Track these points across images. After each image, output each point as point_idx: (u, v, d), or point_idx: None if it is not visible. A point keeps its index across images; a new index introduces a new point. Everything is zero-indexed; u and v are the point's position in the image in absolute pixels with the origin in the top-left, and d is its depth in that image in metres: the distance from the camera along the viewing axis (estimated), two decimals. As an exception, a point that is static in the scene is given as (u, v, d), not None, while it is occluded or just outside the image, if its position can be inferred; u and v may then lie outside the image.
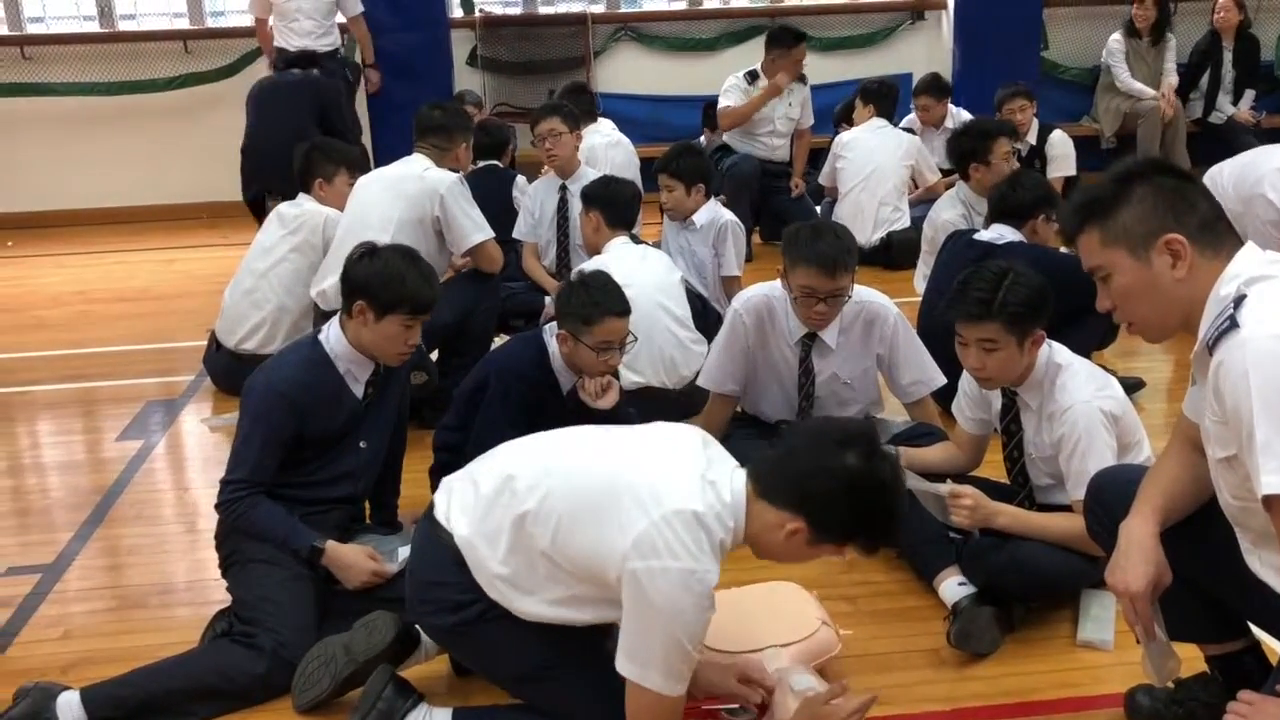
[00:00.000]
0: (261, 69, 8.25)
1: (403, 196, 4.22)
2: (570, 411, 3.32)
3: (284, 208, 4.77)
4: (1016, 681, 2.75)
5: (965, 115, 7.35)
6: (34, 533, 3.71)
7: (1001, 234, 4.13)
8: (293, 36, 7.08)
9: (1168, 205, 2.05)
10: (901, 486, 2.22)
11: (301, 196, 4.77)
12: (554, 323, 3.35)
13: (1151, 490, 2.27)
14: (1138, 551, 2.17)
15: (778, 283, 3.52)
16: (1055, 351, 3.00)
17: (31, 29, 8.30)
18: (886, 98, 6.69)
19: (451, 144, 4.44)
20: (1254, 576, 2.12)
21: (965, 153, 4.89)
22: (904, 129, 6.86)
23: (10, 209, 8.16)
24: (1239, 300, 1.95)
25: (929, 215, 5.19)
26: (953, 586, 2.98)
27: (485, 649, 2.41)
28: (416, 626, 2.69)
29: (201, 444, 4.41)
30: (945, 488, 2.91)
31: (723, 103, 6.83)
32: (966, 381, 3.21)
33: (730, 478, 2.24)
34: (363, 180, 4.50)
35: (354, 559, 2.96)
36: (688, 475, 2.21)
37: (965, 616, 2.85)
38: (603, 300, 3.21)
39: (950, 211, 4.96)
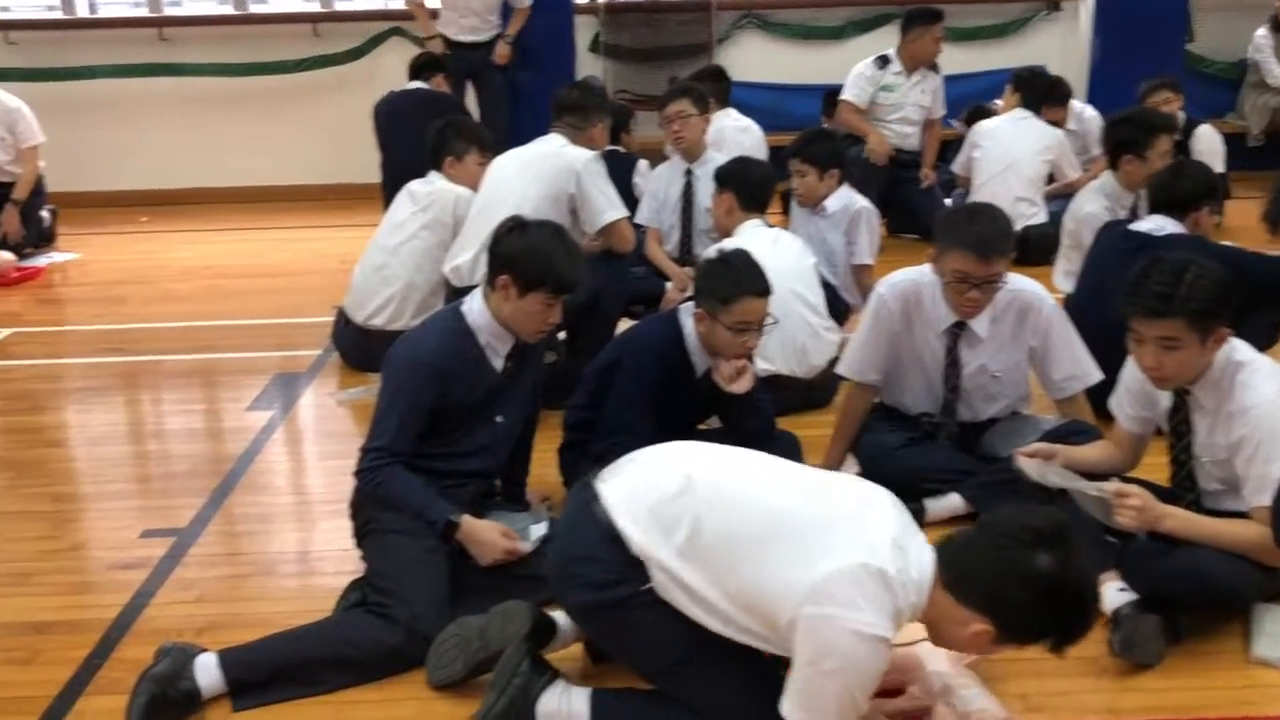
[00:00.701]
0: (389, 51, 8.38)
1: (539, 174, 4.18)
2: (704, 395, 3.23)
3: (415, 185, 4.77)
4: (1185, 696, 2.58)
5: (1090, 112, 7.09)
6: (167, 497, 3.75)
7: (1161, 225, 3.91)
8: (453, 28, 7.35)
9: None
10: (1096, 581, 2.11)
11: (433, 174, 4.76)
12: (690, 302, 3.26)
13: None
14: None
15: (926, 267, 3.37)
16: (1235, 348, 2.80)
17: (169, 11, 8.51)
18: (1035, 88, 6.41)
19: (587, 123, 4.37)
20: None
21: (1122, 142, 4.62)
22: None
23: (145, 186, 8.38)
24: None
25: (1070, 208, 4.96)
26: (1112, 592, 2.81)
27: (625, 633, 2.33)
28: (552, 615, 2.62)
29: (328, 417, 4.42)
30: (1111, 486, 2.73)
31: (847, 93, 6.66)
32: (1129, 377, 3.03)
33: (920, 553, 2.14)
34: (499, 160, 4.47)
35: (489, 536, 2.92)
36: (881, 534, 2.12)
37: (1129, 624, 2.68)
38: (743, 279, 3.11)
39: (1093, 204, 4.73)
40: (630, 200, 5.59)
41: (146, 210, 8.10)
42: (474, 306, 3.01)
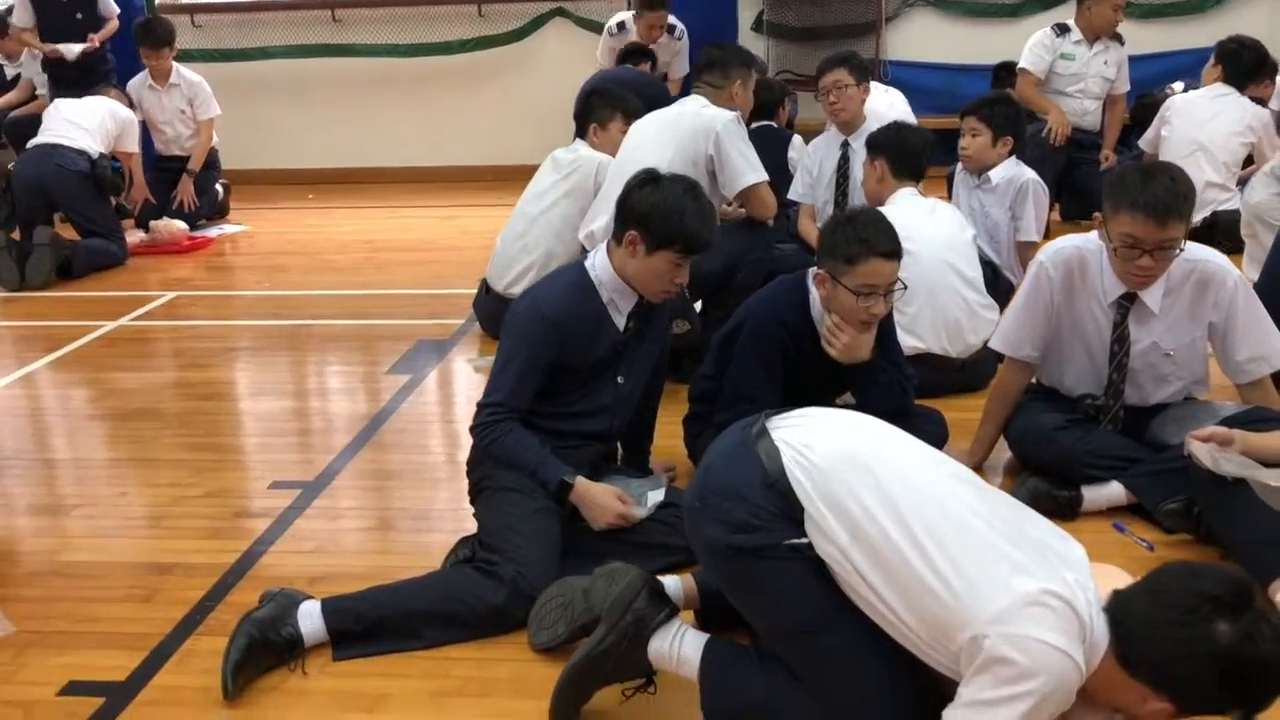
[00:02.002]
0: (551, 32, 8.40)
1: (677, 135, 4.02)
2: (829, 362, 3.01)
3: (559, 153, 4.70)
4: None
5: None
6: (300, 452, 3.79)
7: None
8: None
9: None
10: None
11: (577, 141, 4.69)
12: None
13: None
14: None
15: (1094, 234, 3.07)
16: None
17: (343, -8, 8.77)
18: (1242, 61, 5.86)
19: (727, 80, 4.17)
20: None
21: None
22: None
23: (315, 165, 8.65)
24: None
25: (1244, 196, 4.53)
26: (1298, 598, 2.49)
27: (754, 584, 2.12)
28: (663, 580, 2.47)
29: (466, 382, 4.40)
30: (1297, 473, 2.41)
31: (1024, 62, 6.29)
32: (1325, 356, 2.68)
33: (1099, 610, 1.88)
34: (639, 123, 4.33)
35: (603, 499, 2.80)
36: (1083, 579, 1.89)
37: (1314, 631, 2.35)
38: (870, 237, 2.86)
39: (1264, 191, 4.30)
40: (786, 177, 5.42)
41: (314, 189, 8.34)
42: (598, 262, 2.89)
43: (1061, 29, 6.24)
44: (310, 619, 2.54)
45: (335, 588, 2.72)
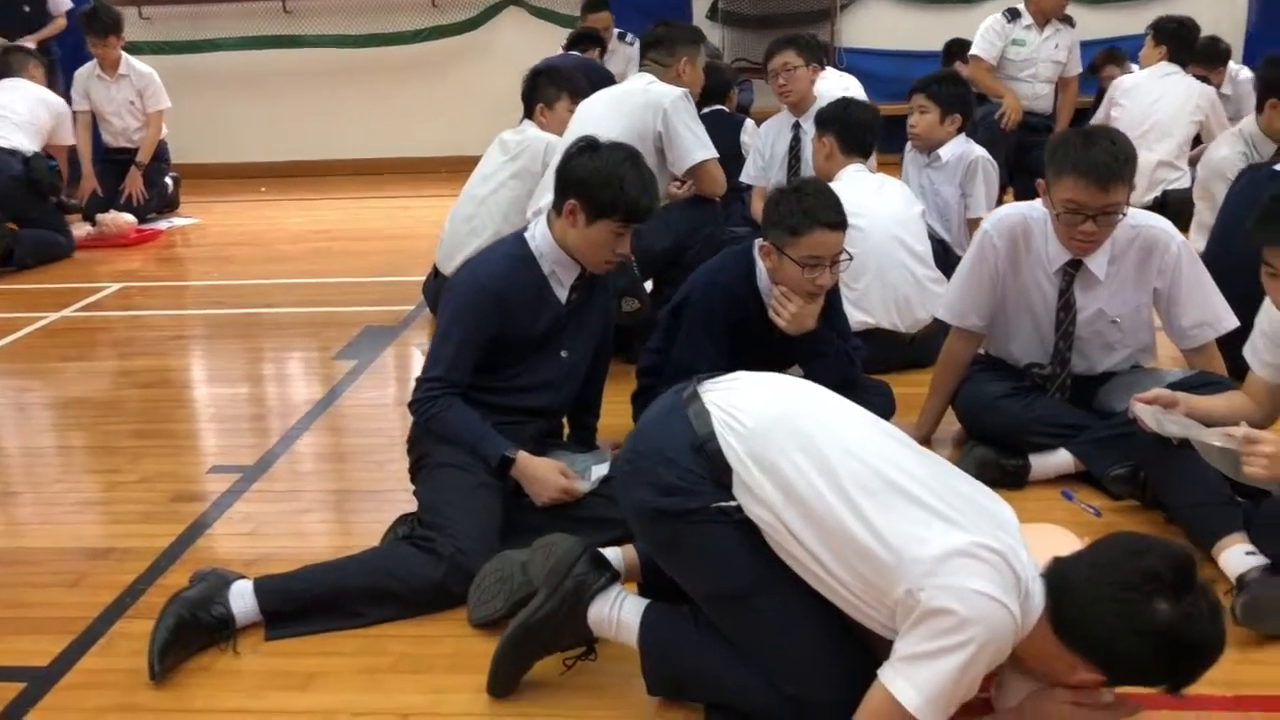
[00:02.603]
0: (506, 21, 8.34)
1: (624, 112, 3.96)
2: (776, 334, 2.98)
3: (506, 135, 4.64)
4: (1322, 672, 2.23)
5: (1245, 74, 6.54)
6: (242, 436, 3.71)
7: (1314, 165, 3.49)
8: None
9: None
10: (1223, 623, 1.81)
11: (525, 123, 4.63)
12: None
13: None
14: None
15: (1038, 201, 3.05)
16: (1391, 278, 2.43)
17: (294, -18, 8.67)
18: (1183, 39, 5.90)
19: (673, 57, 4.13)
20: None
21: (1272, 83, 4.16)
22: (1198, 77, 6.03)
23: (265, 158, 8.54)
24: None
25: (1204, 156, 4.53)
26: (1238, 556, 2.47)
27: (680, 548, 2.08)
28: (603, 552, 2.42)
29: (410, 366, 4.35)
30: (1239, 431, 2.39)
31: (977, 49, 6.29)
32: (1266, 319, 2.68)
33: (1035, 577, 1.86)
34: (586, 101, 4.28)
35: (545, 473, 2.74)
36: (1017, 540, 1.87)
37: (1255, 589, 2.34)
38: (814, 208, 2.83)
39: (1229, 149, 4.30)
40: (738, 161, 5.39)
41: (267, 181, 8.24)
42: (538, 233, 2.83)
43: (1012, 14, 6.23)
44: (242, 598, 2.47)
45: (272, 570, 2.63)
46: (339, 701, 2.26)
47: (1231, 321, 3.03)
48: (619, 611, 2.18)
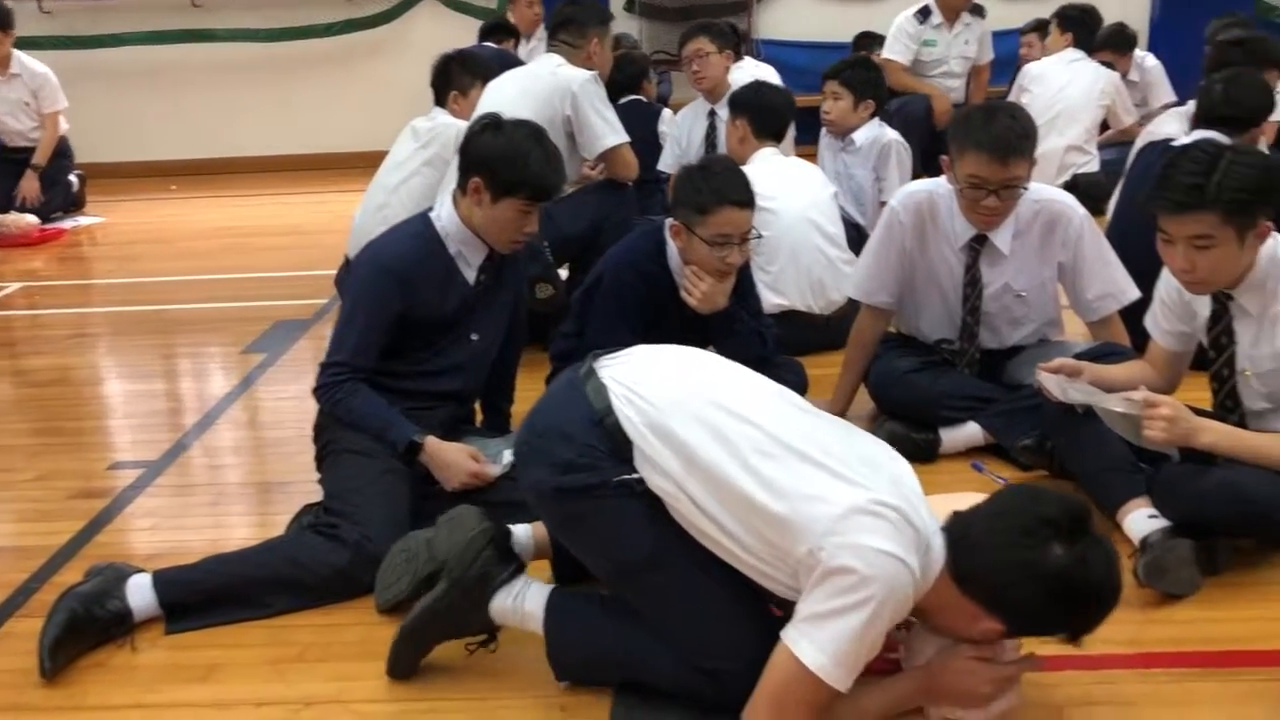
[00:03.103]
0: (422, 14, 8.23)
1: (532, 96, 3.91)
2: (688, 314, 2.97)
3: (418, 122, 4.56)
4: (1219, 629, 2.28)
5: (1151, 61, 6.70)
6: (145, 432, 3.61)
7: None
8: None
9: None
10: (1118, 571, 1.85)
11: (436, 110, 4.56)
12: None
13: None
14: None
15: (944, 178, 3.08)
16: (1280, 244, 2.49)
17: (201, -24, 8.47)
18: (1087, 25, 6.03)
19: (584, 39, 4.10)
20: None
21: (1224, 65, 4.16)
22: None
23: (177, 156, 8.32)
24: None
25: (1147, 130, 4.59)
26: (1141, 519, 2.51)
27: (583, 524, 2.06)
28: (511, 527, 2.39)
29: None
30: (1139, 394, 2.43)
31: (889, 52, 6.28)
32: (1165, 288, 2.72)
33: (936, 530, 1.88)
34: (493, 84, 4.22)
35: (454, 457, 2.69)
36: (915, 494, 1.89)
37: (1157, 549, 2.38)
38: (721, 187, 2.84)
39: (1172, 125, 4.35)
40: (656, 150, 5.38)
41: (178, 179, 8.03)
42: (444, 213, 2.79)
43: (924, 14, 6.24)
44: (140, 592, 2.39)
45: (174, 564, 2.56)
46: (241, 692, 2.20)
47: (1134, 293, 3.08)
48: (523, 601, 2.15)
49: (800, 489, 1.84)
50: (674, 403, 1.97)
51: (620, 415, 1.99)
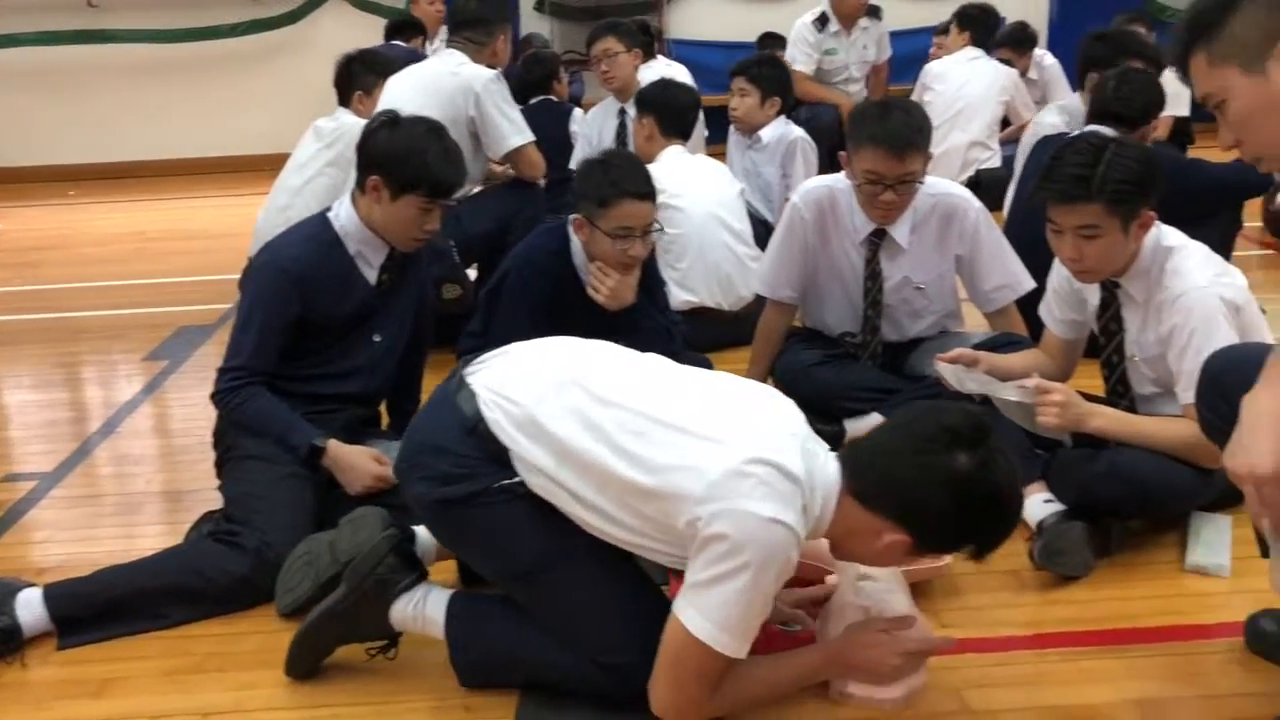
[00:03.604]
0: (329, 15, 8.12)
1: (435, 95, 3.87)
2: (595, 310, 2.97)
3: (321, 122, 4.51)
4: (1112, 607, 2.34)
5: (1050, 60, 6.88)
6: (41, 443, 3.51)
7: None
8: None
9: None
10: (1018, 482, 1.88)
11: (340, 110, 4.51)
12: None
13: (1284, 360, 1.84)
14: (1266, 426, 1.74)
15: (844, 174, 3.12)
16: (1164, 233, 2.57)
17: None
18: (985, 25, 6.17)
19: (490, 38, 4.07)
20: None
21: (1092, 58, 4.30)
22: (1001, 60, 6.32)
23: (75, 160, 8.10)
24: None
25: (1033, 121, 4.70)
26: (1037, 503, 2.57)
27: (471, 533, 2.05)
28: (414, 529, 2.37)
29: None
30: (1031, 381, 2.49)
31: (795, 64, 6.16)
32: (1056, 277, 2.79)
33: (826, 461, 1.89)
34: (393, 79, 4.17)
35: (358, 461, 2.65)
36: (785, 432, 1.88)
37: (1052, 533, 2.44)
38: (620, 179, 2.84)
39: (1055, 116, 4.48)
40: (568, 149, 5.37)
41: (77, 185, 7.83)
42: (343, 212, 2.75)
43: (821, 21, 6.26)
44: (30, 607, 2.32)
45: (67, 576, 2.50)
46: (136, 705, 2.15)
47: (1029, 283, 3.16)
48: (424, 608, 2.13)
49: (672, 462, 1.84)
50: (538, 398, 1.97)
51: (490, 421, 1.99)
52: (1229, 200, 3.89)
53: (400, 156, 2.64)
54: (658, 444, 1.86)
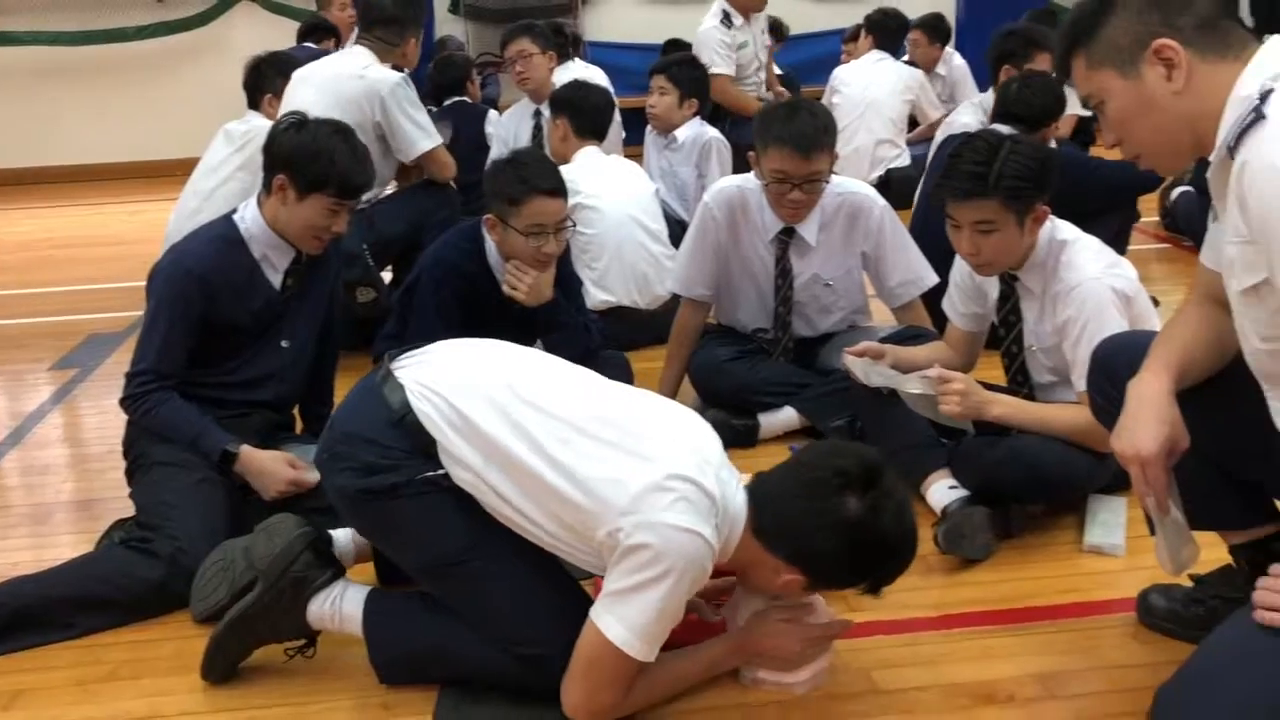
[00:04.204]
0: (239, 17, 8.02)
1: (340, 99, 3.81)
2: (510, 310, 3.00)
3: (231, 125, 4.47)
4: (1013, 587, 2.43)
5: (958, 60, 7.06)
6: (-57, 456, 3.42)
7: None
8: None
9: (1157, 7, 1.73)
10: (911, 522, 1.94)
11: (250, 113, 4.47)
12: None
13: (1165, 347, 1.93)
14: (1149, 410, 1.84)
15: (754, 174, 3.19)
16: (1059, 227, 2.66)
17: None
18: (890, 29, 6.36)
19: (401, 39, 4.03)
20: (1285, 440, 1.79)
21: (1004, 53, 4.39)
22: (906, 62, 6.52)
23: (-21, 165, 7.91)
24: (1265, 95, 1.62)
25: (946, 121, 4.82)
26: (942, 490, 2.66)
27: (392, 525, 2.06)
28: (331, 532, 2.38)
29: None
30: (933, 373, 2.57)
31: (717, 68, 5.95)
32: (958, 272, 2.89)
33: (737, 491, 1.95)
34: (296, 80, 4.09)
35: (271, 466, 2.64)
36: (704, 455, 1.93)
37: (955, 518, 2.53)
38: (530, 177, 2.88)
39: (968, 116, 4.59)
40: (484, 152, 5.37)
41: (-20, 190, 7.64)
42: (248, 215, 2.74)
43: (726, 19, 6.19)
44: (-69, 622, 2.28)
45: (-24, 588, 2.46)
46: (48, 717, 2.12)
47: (932, 278, 3.25)
48: (341, 605, 2.14)
49: (596, 473, 1.88)
50: (472, 397, 1.99)
51: (419, 413, 2.00)
52: (1121, 197, 4.04)
53: (308, 156, 2.64)
54: (583, 455, 1.90)
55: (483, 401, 1.98)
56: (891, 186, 5.92)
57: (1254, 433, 1.84)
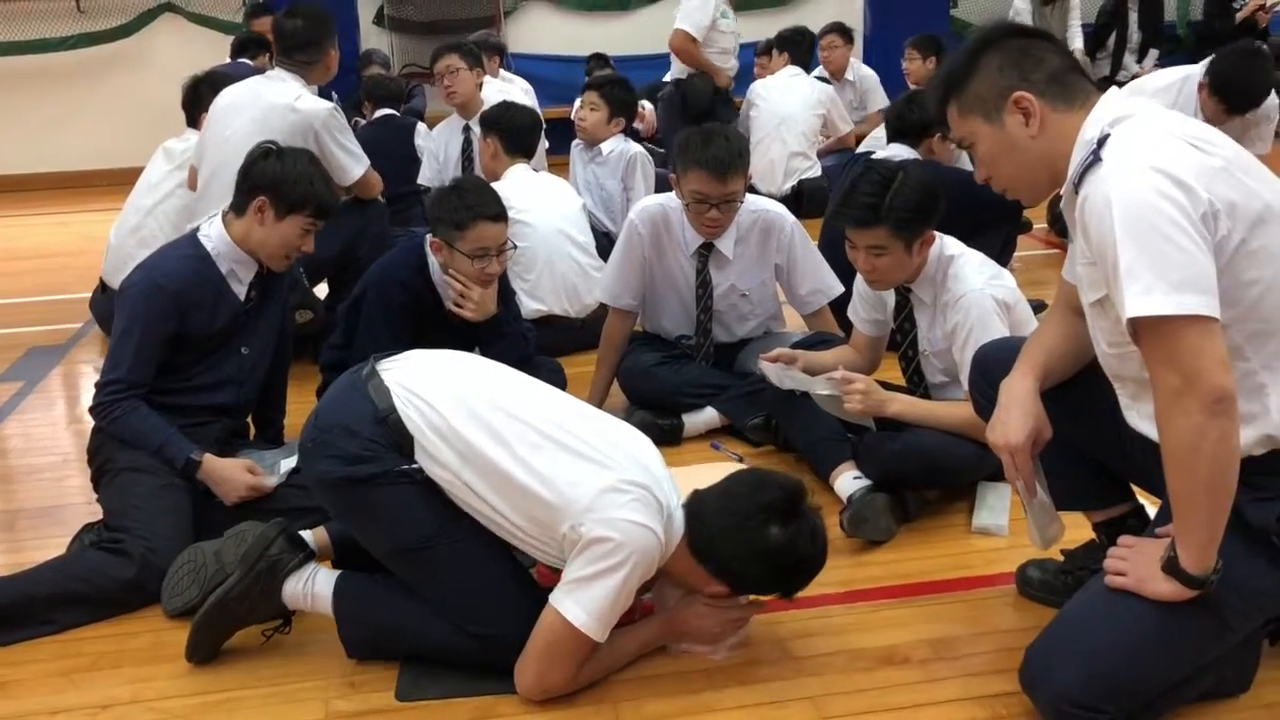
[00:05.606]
0: (162, 29, 8.06)
1: (274, 132, 3.86)
2: (454, 324, 3.23)
3: (171, 143, 4.61)
4: (911, 565, 2.72)
5: (866, 70, 7.43)
6: (-104, 469, 3.53)
7: (897, 153, 4.10)
8: None
9: (1014, 65, 2.03)
10: (823, 541, 2.25)
11: (189, 131, 4.61)
12: None
13: (1032, 351, 2.25)
14: (1017, 406, 2.15)
15: (674, 194, 3.45)
16: (947, 244, 2.97)
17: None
18: (801, 45, 6.70)
19: (320, 54, 4.11)
20: (1133, 431, 2.10)
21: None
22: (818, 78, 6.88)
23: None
24: (1103, 140, 1.93)
25: (870, 136, 5.13)
26: (848, 480, 2.95)
27: (366, 510, 2.28)
28: (300, 533, 2.58)
29: (81, 385, 4.24)
30: (838, 374, 2.87)
31: (685, 23, 6.31)
32: (860, 283, 3.18)
33: (677, 504, 2.24)
34: (222, 106, 4.11)
35: (231, 473, 2.83)
36: (656, 470, 2.23)
37: (858, 504, 2.82)
38: (475, 203, 3.12)
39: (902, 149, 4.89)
40: (415, 164, 5.56)
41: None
42: (213, 233, 2.92)
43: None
44: (-83, 620, 2.43)
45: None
46: (33, 704, 2.29)
47: (839, 288, 3.55)
48: (312, 585, 2.36)
49: (561, 475, 2.15)
50: (450, 403, 2.24)
51: (402, 414, 2.24)
52: (1004, 215, 4.36)
53: (290, 180, 2.87)
54: (553, 459, 2.16)
55: (464, 409, 2.23)
56: (804, 196, 6.27)
57: (1110, 424, 2.16)
